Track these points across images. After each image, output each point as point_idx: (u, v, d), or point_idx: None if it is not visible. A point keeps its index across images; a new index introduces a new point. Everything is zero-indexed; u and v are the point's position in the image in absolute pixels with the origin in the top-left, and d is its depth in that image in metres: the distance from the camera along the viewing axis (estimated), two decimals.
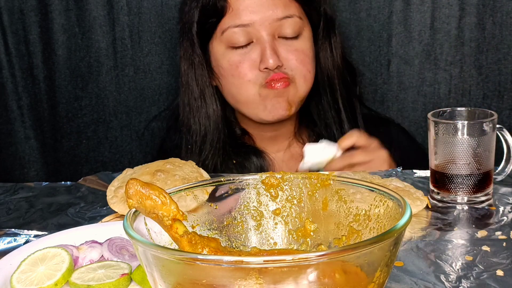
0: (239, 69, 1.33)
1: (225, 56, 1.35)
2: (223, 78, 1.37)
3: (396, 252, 0.58)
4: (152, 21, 1.66)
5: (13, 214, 1.07)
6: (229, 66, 1.34)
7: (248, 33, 1.32)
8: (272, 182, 0.71)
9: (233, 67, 1.34)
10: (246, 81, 1.33)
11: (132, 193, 0.61)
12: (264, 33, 1.31)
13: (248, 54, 1.33)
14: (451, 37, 1.60)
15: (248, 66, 1.32)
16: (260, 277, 0.52)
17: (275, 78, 1.31)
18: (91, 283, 0.76)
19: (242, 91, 1.35)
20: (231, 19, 1.32)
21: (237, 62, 1.33)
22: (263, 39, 1.31)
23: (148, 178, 1.03)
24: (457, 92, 1.63)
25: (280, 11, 1.32)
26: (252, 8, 1.31)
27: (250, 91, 1.34)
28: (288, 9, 1.33)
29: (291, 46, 1.33)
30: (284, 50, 1.33)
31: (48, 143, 1.74)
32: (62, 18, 1.67)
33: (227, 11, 1.32)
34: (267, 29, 1.31)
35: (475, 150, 1.03)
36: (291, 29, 1.33)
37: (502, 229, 0.94)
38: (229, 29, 1.32)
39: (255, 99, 1.34)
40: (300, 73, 1.34)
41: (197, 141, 1.40)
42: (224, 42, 1.34)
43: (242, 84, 1.34)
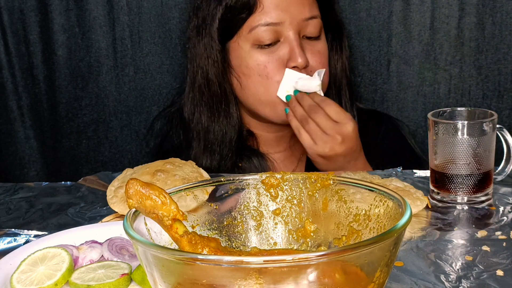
0: (267, 69, 1.32)
1: (251, 55, 1.33)
2: (246, 78, 1.34)
3: (396, 252, 0.58)
4: (152, 21, 1.66)
5: (13, 214, 1.07)
6: (256, 66, 1.32)
7: (276, 32, 1.31)
8: (272, 182, 0.71)
9: (261, 67, 1.32)
10: (275, 81, 1.32)
11: (132, 193, 0.61)
12: (292, 32, 1.31)
13: (275, 53, 1.32)
14: (451, 37, 1.60)
15: (276, 65, 1.31)
16: (260, 277, 0.52)
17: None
18: (91, 283, 0.76)
19: (268, 92, 1.33)
20: (261, 17, 1.30)
21: (265, 61, 1.32)
22: (291, 38, 1.31)
23: (148, 178, 1.03)
24: (456, 92, 1.63)
25: (307, 11, 1.32)
26: (282, 6, 1.30)
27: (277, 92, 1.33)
28: (313, 10, 1.34)
29: (314, 46, 1.34)
30: (309, 51, 1.33)
31: (48, 143, 1.75)
32: (62, 18, 1.67)
33: (257, 8, 1.30)
34: (295, 28, 1.31)
35: (475, 150, 1.03)
36: (315, 29, 1.33)
37: (502, 229, 0.94)
38: (258, 27, 1.30)
39: (279, 100, 1.33)
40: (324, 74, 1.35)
41: (219, 141, 1.38)
42: (250, 40, 1.32)
43: (270, 84, 1.32)
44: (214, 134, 1.38)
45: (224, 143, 1.38)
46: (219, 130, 1.38)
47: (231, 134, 1.39)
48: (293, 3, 1.31)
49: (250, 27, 1.31)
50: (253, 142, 1.45)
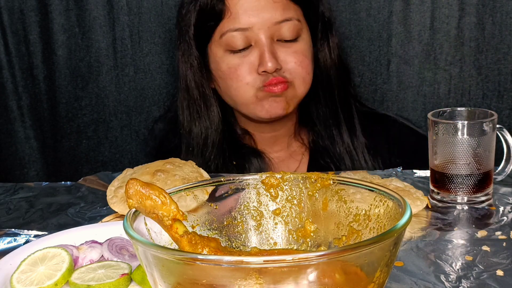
0: (237, 72, 1.33)
1: (224, 60, 1.35)
2: (222, 80, 1.37)
3: (396, 252, 0.58)
4: (152, 21, 1.66)
5: (13, 214, 1.07)
6: (227, 70, 1.35)
7: (246, 37, 1.31)
8: (272, 182, 0.71)
9: (232, 70, 1.34)
10: (244, 84, 1.33)
11: (132, 193, 0.61)
12: (263, 36, 1.31)
13: (246, 58, 1.33)
14: (451, 37, 1.60)
15: (247, 69, 1.32)
16: (260, 277, 0.52)
17: (273, 82, 1.32)
18: (91, 283, 0.76)
19: (240, 93, 1.35)
20: (230, 23, 1.32)
21: (235, 65, 1.33)
22: (261, 43, 1.31)
23: (148, 178, 1.03)
24: (456, 92, 1.63)
25: (278, 14, 1.31)
26: (251, 11, 1.31)
27: (248, 93, 1.34)
28: (286, 12, 1.32)
29: (290, 48, 1.33)
30: (283, 53, 1.33)
31: (48, 143, 1.75)
32: (62, 18, 1.67)
33: (225, 14, 1.32)
34: (266, 33, 1.31)
35: (475, 150, 1.03)
36: (289, 32, 1.32)
37: (502, 229, 0.94)
38: (228, 33, 1.32)
39: (253, 100, 1.34)
40: (299, 75, 1.34)
41: (199, 144, 1.40)
42: (222, 45, 1.34)
43: (240, 87, 1.34)
44: (196, 137, 1.41)
45: (205, 146, 1.40)
46: (200, 133, 1.40)
47: (213, 137, 1.40)
48: (262, 7, 1.31)
49: (221, 32, 1.33)
50: (250, 141, 1.46)
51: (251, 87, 1.33)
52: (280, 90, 1.32)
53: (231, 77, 1.34)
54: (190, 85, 1.39)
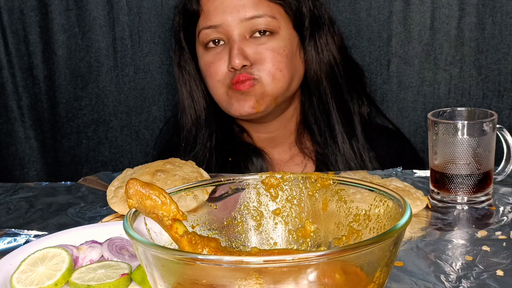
0: (211, 69, 1.36)
1: (201, 57, 1.39)
2: (204, 77, 1.41)
3: (396, 252, 0.58)
4: (152, 21, 1.66)
5: (13, 214, 1.07)
6: (204, 66, 1.39)
7: (219, 34, 1.34)
8: (272, 182, 0.71)
9: (207, 67, 1.37)
10: (216, 81, 1.36)
11: (132, 193, 0.61)
12: (235, 33, 1.33)
13: (219, 54, 1.35)
14: (451, 37, 1.60)
15: (219, 65, 1.35)
16: (260, 277, 0.52)
17: (239, 79, 1.32)
18: (91, 283, 0.76)
19: (214, 91, 1.38)
20: (204, 21, 1.36)
21: (209, 62, 1.37)
22: (232, 39, 1.33)
23: (148, 178, 1.03)
24: (456, 92, 1.63)
25: (249, 11, 1.33)
26: (221, 9, 1.33)
27: (219, 90, 1.36)
28: (257, 9, 1.33)
29: (263, 45, 1.34)
30: (253, 50, 1.33)
31: (48, 143, 1.74)
32: (62, 18, 1.67)
33: (200, 13, 1.36)
34: (237, 29, 1.33)
35: (475, 150, 1.03)
36: (262, 26, 1.33)
37: (502, 229, 0.94)
38: (202, 31, 1.36)
39: (224, 98, 1.37)
40: (268, 72, 1.33)
41: (189, 140, 1.43)
42: (200, 43, 1.38)
43: (213, 84, 1.37)
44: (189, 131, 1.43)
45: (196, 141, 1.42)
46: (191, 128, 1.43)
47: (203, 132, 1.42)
48: (232, 5, 1.33)
49: (197, 31, 1.38)
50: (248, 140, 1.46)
51: (221, 84, 1.36)
52: (246, 87, 1.32)
53: (206, 74, 1.38)
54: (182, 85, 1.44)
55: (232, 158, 1.40)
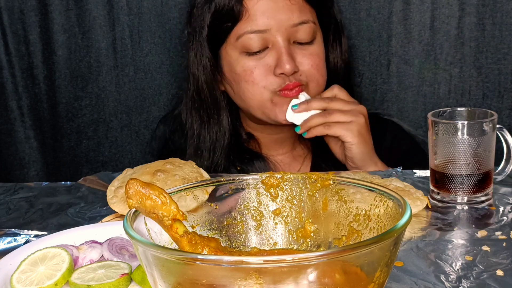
0: (253, 75, 1.32)
1: (239, 62, 1.33)
2: (236, 83, 1.35)
3: (396, 252, 0.58)
4: (152, 21, 1.66)
5: (13, 214, 1.07)
6: (243, 72, 1.33)
7: (264, 39, 1.31)
8: (272, 182, 0.71)
9: (247, 73, 1.32)
10: (261, 87, 1.32)
11: (132, 193, 0.61)
12: (280, 38, 1.30)
13: (263, 60, 1.32)
14: (451, 37, 1.60)
15: (263, 71, 1.31)
16: (260, 277, 0.52)
17: (289, 87, 1.31)
18: (91, 283, 0.76)
19: (256, 97, 1.34)
20: (247, 24, 1.30)
21: (251, 67, 1.32)
22: (279, 45, 1.30)
23: (148, 178, 1.03)
24: (457, 92, 1.63)
25: (296, 17, 1.31)
26: (268, 13, 1.30)
27: (264, 97, 1.33)
28: (303, 15, 1.32)
29: (306, 51, 1.33)
30: (300, 56, 1.32)
31: (48, 143, 1.75)
32: (62, 18, 1.67)
33: (243, 16, 1.31)
34: (283, 35, 1.30)
35: (475, 150, 1.03)
36: (306, 34, 1.32)
37: (502, 229, 0.94)
38: (245, 35, 1.31)
39: (268, 104, 1.33)
40: (314, 78, 1.34)
41: (208, 148, 1.39)
42: (238, 47, 1.32)
43: (256, 90, 1.33)
44: (205, 140, 1.40)
45: (214, 150, 1.39)
46: (209, 137, 1.40)
47: (221, 142, 1.39)
48: (280, 9, 1.30)
49: (237, 34, 1.32)
50: (255, 145, 1.45)
51: (267, 90, 1.32)
52: (296, 94, 1.31)
53: (247, 80, 1.33)
54: (202, 87, 1.38)
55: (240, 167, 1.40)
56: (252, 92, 1.33)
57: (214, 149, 1.39)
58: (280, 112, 1.33)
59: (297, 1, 1.32)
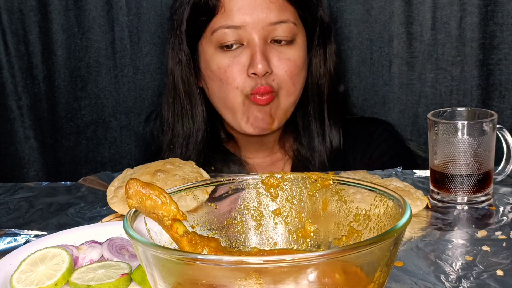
0: (227, 73, 1.29)
1: (214, 58, 1.31)
2: (211, 81, 1.33)
3: (396, 252, 0.58)
4: (151, 22, 1.66)
5: (13, 214, 1.07)
6: (217, 69, 1.30)
7: (239, 35, 1.27)
8: (272, 182, 0.71)
9: (222, 71, 1.29)
10: (234, 87, 1.29)
11: (132, 193, 0.61)
12: (256, 36, 1.27)
13: (237, 58, 1.28)
14: (452, 38, 1.60)
15: (237, 70, 1.28)
16: (260, 277, 0.52)
17: (260, 91, 1.27)
18: (91, 283, 0.76)
19: (229, 97, 1.30)
20: (223, 19, 1.28)
21: (225, 65, 1.29)
22: (254, 43, 1.27)
23: (148, 178, 1.03)
24: (458, 92, 1.63)
25: (274, 15, 1.27)
26: (245, 9, 1.27)
27: (237, 98, 1.30)
28: (282, 14, 1.28)
29: (283, 53, 1.29)
30: (275, 57, 1.28)
31: (47, 143, 1.75)
32: (61, 18, 1.67)
33: (219, 10, 1.28)
34: (259, 33, 1.27)
35: (475, 150, 1.03)
36: (284, 34, 1.28)
37: (502, 229, 0.94)
38: (219, 29, 1.28)
39: (240, 107, 1.30)
40: (285, 86, 1.29)
41: (180, 142, 1.37)
42: (214, 42, 1.30)
43: (229, 90, 1.30)
44: (178, 135, 1.37)
45: (187, 146, 1.36)
46: (182, 132, 1.37)
47: (194, 138, 1.36)
48: (257, 7, 1.26)
49: (212, 29, 1.29)
50: (234, 146, 1.42)
51: (240, 92, 1.29)
52: (265, 102, 1.28)
53: (221, 78, 1.30)
54: (177, 82, 1.35)
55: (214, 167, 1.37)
56: (226, 92, 1.30)
57: (187, 145, 1.36)
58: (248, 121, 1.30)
59: (277, 0, 1.28)
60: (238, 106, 1.30)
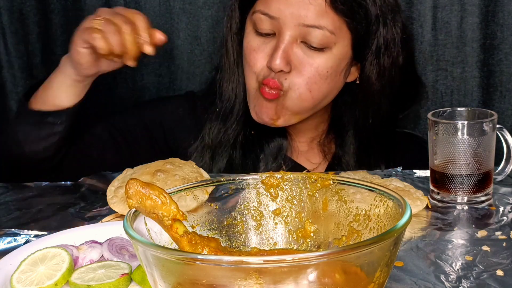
0: (251, 55, 1.28)
1: (247, 36, 1.30)
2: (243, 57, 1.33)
3: (396, 252, 0.58)
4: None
5: (13, 214, 1.07)
6: (246, 48, 1.30)
7: (272, 25, 1.25)
8: (272, 182, 0.71)
9: (248, 51, 1.29)
10: (253, 71, 1.28)
11: (132, 193, 0.61)
12: (287, 32, 1.23)
13: (265, 45, 1.27)
14: (453, 38, 1.60)
15: (261, 56, 1.27)
16: (260, 277, 0.52)
17: (269, 83, 1.25)
18: (91, 283, 0.76)
19: (247, 79, 1.30)
20: (262, 5, 1.26)
21: (253, 47, 1.28)
22: (282, 37, 1.24)
23: (148, 178, 1.03)
24: (459, 92, 1.63)
25: (310, 18, 1.22)
26: (283, 2, 1.24)
27: (252, 82, 1.29)
28: (320, 19, 1.22)
29: (308, 57, 1.25)
30: (298, 58, 1.25)
31: None
32: (61, 18, 1.67)
33: None
34: (291, 30, 1.23)
35: (475, 150, 1.03)
36: (316, 40, 1.23)
37: (502, 229, 0.94)
38: (257, 13, 1.26)
39: (252, 92, 1.30)
40: (297, 89, 1.25)
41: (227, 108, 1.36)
42: (252, 22, 1.29)
43: (249, 71, 1.29)
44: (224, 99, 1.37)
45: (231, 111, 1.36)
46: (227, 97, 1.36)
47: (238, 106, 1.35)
48: (296, 3, 1.23)
49: (254, 10, 1.28)
50: None
51: (256, 77, 1.28)
52: (270, 96, 1.26)
53: (246, 58, 1.30)
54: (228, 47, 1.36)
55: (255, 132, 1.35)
56: (246, 73, 1.31)
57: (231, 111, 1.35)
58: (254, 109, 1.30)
59: (318, 3, 1.22)
60: (252, 90, 1.30)
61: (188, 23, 1.65)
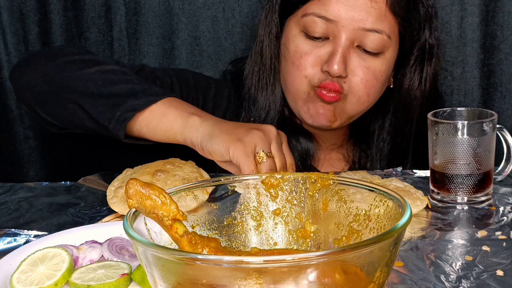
0: (301, 60, 1.24)
1: (295, 40, 1.26)
2: (285, 60, 1.29)
3: (396, 252, 0.58)
4: (149, 23, 1.66)
5: (13, 214, 1.07)
6: (294, 52, 1.25)
7: (327, 28, 1.21)
8: (272, 182, 0.71)
9: (297, 55, 1.25)
10: (303, 75, 1.24)
11: (132, 193, 0.61)
12: (344, 35, 1.20)
13: (318, 49, 1.23)
14: (453, 38, 1.60)
15: (312, 61, 1.23)
16: (260, 277, 0.52)
17: (329, 86, 1.22)
18: (91, 283, 0.76)
19: (295, 82, 1.26)
20: (317, 7, 1.21)
21: (303, 51, 1.24)
22: (339, 41, 1.21)
23: (148, 178, 1.03)
24: (459, 92, 1.63)
25: (370, 21, 1.20)
26: (343, 4, 1.20)
27: (302, 86, 1.25)
28: (380, 23, 1.21)
29: (364, 61, 1.23)
30: (355, 62, 1.22)
31: (47, 143, 1.74)
32: (60, 18, 1.66)
33: None
34: (349, 33, 1.20)
35: (475, 150, 1.03)
36: (373, 44, 1.21)
37: (502, 229, 0.94)
38: (311, 16, 1.22)
39: (303, 96, 1.26)
40: (356, 93, 1.24)
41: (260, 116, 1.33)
42: (300, 25, 1.24)
43: (297, 76, 1.25)
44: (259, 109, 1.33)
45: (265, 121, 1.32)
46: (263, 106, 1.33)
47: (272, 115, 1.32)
48: (357, 6, 1.19)
49: (304, 12, 1.24)
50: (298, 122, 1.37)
51: (308, 81, 1.24)
52: (330, 99, 1.23)
53: (294, 62, 1.25)
54: (264, 51, 1.31)
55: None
56: (293, 77, 1.26)
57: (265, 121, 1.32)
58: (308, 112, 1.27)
59: (379, 6, 1.20)
60: (302, 94, 1.27)
61: (188, 23, 1.65)
